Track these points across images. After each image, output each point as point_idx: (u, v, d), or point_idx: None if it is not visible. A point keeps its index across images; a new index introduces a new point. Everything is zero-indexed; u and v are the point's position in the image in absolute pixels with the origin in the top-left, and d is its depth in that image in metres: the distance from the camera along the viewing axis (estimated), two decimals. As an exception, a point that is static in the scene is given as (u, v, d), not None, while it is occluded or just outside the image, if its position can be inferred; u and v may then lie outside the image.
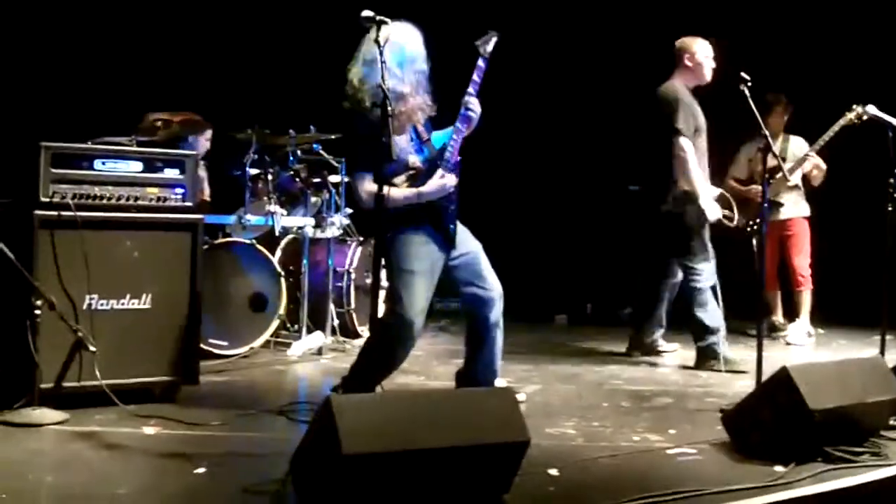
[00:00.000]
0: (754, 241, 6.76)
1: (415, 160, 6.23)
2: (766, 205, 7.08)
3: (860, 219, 10.21)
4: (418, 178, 6.17)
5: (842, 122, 9.22)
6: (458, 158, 6.22)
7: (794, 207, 10.12)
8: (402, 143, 6.11)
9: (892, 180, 7.37)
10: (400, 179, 6.14)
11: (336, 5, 8.38)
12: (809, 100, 10.36)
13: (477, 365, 6.54)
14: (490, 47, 6.26)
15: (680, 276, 8.49)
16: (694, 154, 8.14)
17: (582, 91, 11.56)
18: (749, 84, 6.59)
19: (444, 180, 6.12)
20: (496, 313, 6.41)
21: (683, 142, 8.09)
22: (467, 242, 6.41)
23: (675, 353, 8.91)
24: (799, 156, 9.97)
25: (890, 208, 7.35)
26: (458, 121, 6.21)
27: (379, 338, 6.05)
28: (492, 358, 6.52)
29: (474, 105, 6.21)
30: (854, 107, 8.83)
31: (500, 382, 6.62)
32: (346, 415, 4.13)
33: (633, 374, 8.03)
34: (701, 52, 8.47)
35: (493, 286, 6.41)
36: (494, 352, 6.51)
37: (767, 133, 6.74)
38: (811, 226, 10.15)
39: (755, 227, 6.94)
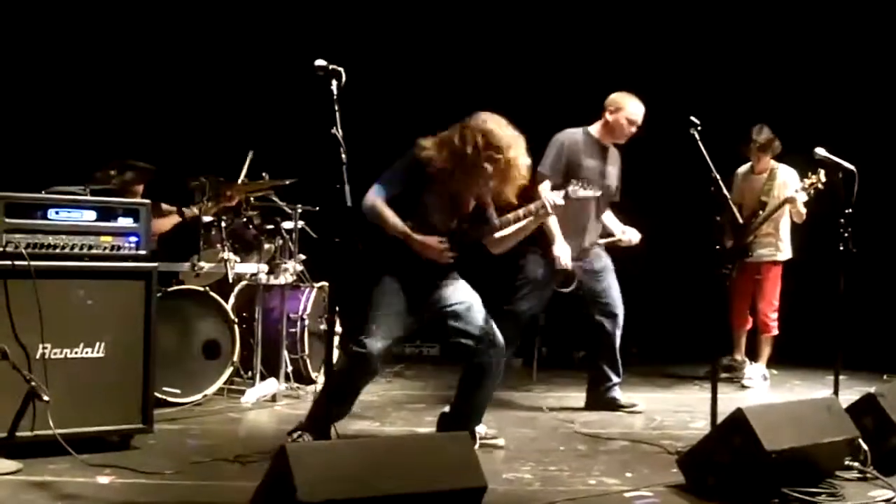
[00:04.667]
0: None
1: (439, 220, 6.33)
2: (717, 247, 7.12)
3: (811, 259, 10.27)
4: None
5: (805, 182, 9.20)
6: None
7: (765, 252, 10.11)
8: (433, 201, 6.32)
9: (843, 220, 7.42)
10: (410, 224, 6.24)
11: (290, 55, 8.39)
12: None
13: (463, 412, 6.56)
14: (574, 196, 6.64)
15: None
16: None
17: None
18: (699, 128, 6.61)
19: (439, 244, 6.23)
20: (492, 361, 6.41)
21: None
22: (459, 293, 6.45)
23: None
24: (783, 191, 9.92)
25: (842, 248, 7.40)
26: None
27: (341, 367, 6.10)
28: (480, 406, 6.57)
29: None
30: (815, 151, 8.70)
31: (479, 428, 6.65)
32: (302, 462, 4.12)
33: (589, 418, 8.03)
34: (627, 110, 8.28)
35: (492, 333, 6.42)
36: (485, 400, 6.57)
37: (718, 177, 6.74)
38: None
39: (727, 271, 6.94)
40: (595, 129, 8.35)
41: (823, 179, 9.00)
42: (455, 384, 6.62)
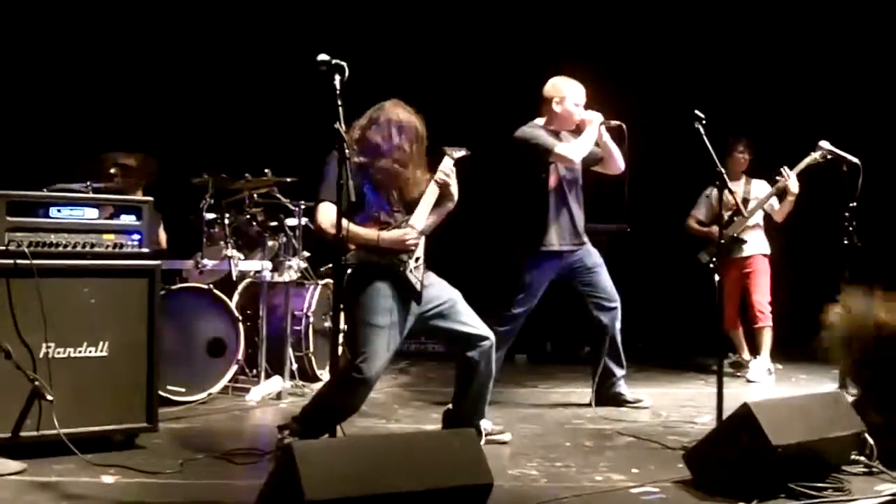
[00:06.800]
0: (716, 278, 6.76)
1: (386, 218, 6.20)
2: (721, 241, 7.12)
3: (816, 253, 10.26)
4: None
5: (807, 160, 9.19)
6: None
7: (754, 245, 10.12)
8: (375, 199, 6.20)
9: (847, 214, 7.41)
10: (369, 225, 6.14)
11: (291, 50, 8.37)
12: (768, 143, 10.40)
13: (464, 408, 6.55)
14: (457, 156, 6.43)
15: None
16: None
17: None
18: (703, 121, 6.58)
19: (406, 233, 6.11)
20: (482, 354, 6.37)
21: None
22: (442, 293, 6.39)
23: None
24: (760, 197, 9.98)
25: (846, 242, 7.38)
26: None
27: (335, 387, 6.01)
28: (479, 400, 6.53)
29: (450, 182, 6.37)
30: (820, 145, 8.76)
31: (485, 424, 6.64)
32: (308, 460, 4.11)
33: (595, 413, 8.01)
34: (572, 97, 8.20)
35: (478, 327, 6.39)
36: (482, 393, 6.52)
37: (723, 170, 6.72)
38: (772, 263, 10.18)
39: (715, 265, 6.94)
40: (546, 121, 8.25)
41: (824, 155, 8.85)
42: None
